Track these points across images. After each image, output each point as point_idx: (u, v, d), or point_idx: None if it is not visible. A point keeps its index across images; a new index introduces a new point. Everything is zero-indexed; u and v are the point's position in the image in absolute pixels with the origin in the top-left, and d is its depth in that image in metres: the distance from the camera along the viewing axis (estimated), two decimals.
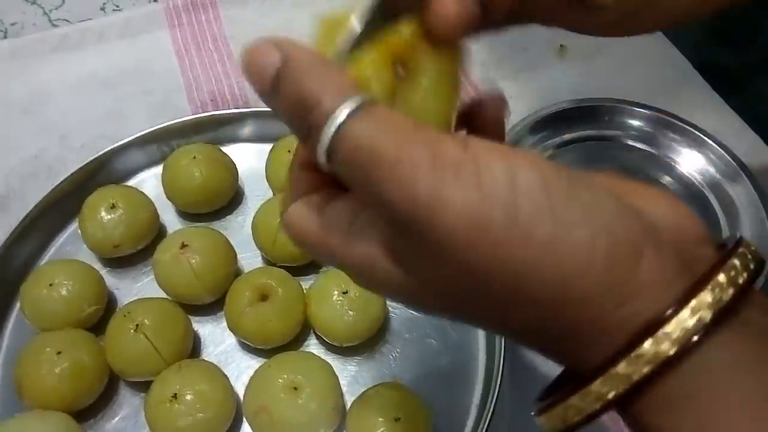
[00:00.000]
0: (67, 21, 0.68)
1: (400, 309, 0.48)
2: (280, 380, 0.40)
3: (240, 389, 0.43)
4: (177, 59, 0.64)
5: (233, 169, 0.52)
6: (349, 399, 0.43)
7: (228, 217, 0.53)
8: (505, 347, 0.42)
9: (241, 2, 0.68)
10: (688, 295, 0.18)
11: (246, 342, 0.45)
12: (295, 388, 0.40)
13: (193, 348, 0.46)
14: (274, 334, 0.44)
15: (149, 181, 0.54)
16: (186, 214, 0.52)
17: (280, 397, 0.40)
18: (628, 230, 0.18)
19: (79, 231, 0.49)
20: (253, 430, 0.42)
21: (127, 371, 0.44)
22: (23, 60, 0.64)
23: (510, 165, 0.18)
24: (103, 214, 0.48)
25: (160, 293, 0.47)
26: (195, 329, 0.47)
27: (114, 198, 0.48)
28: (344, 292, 0.44)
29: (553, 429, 0.20)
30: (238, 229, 0.52)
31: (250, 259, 0.50)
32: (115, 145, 0.53)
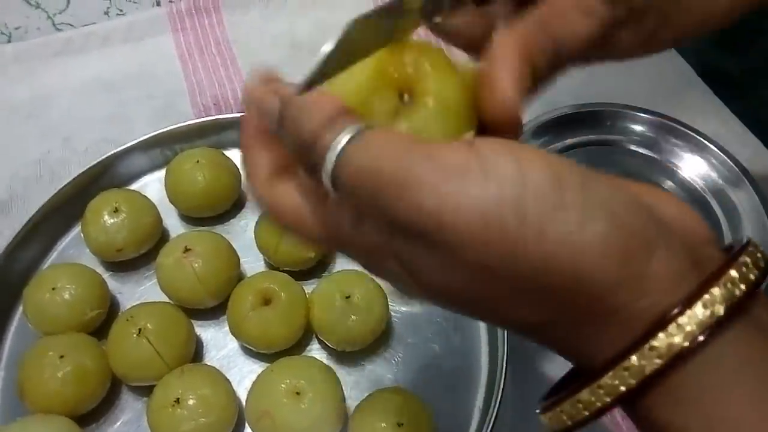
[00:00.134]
0: (71, 25, 0.68)
1: (403, 313, 0.48)
2: (282, 385, 0.40)
3: (242, 394, 0.43)
4: (180, 63, 0.64)
5: (236, 174, 0.52)
6: (351, 404, 0.43)
7: (231, 221, 0.53)
8: (507, 351, 0.42)
9: (244, 7, 0.68)
10: (702, 289, 0.18)
11: (248, 346, 0.45)
12: (297, 393, 0.40)
13: (196, 352, 0.46)
14: (277, 339, 0.44)
15: (152, 185, 0.54)
16: (189, 218, 0.53)
17: (283, 402, 0.40)
18: (641, 225, 0.19)
19: (82, 235, 0.49)
20: None
21: (129, 375, 0.44)
22: (27, 64, 0.64)
23: (519, 162, 0.18)
24: (107, 217, 0.48)
25: (163, 297, 0.47)
26: (197, 333, 0.47)
27: (117, 202, 0.48)
28: (347, 297, 0.44)
29: (558, 427, 0.20)
30: (241, 233, 0.52)
31: (253, 263, 0.50)
32: (118, 149, 0.53)
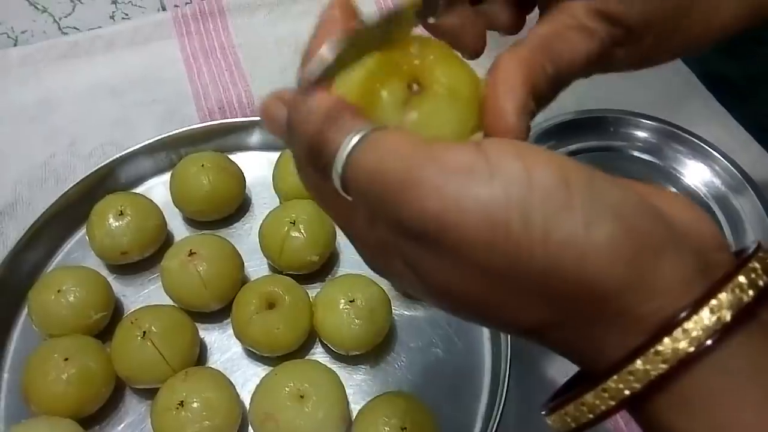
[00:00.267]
0: (77, 29, 0.68)
1: (406, 318, 0.48)
2: (286, 388, 0.40)
3: (246, 397, 0.43)
4: (185, 68, 0.64)
5: (241, 177, 0.52)
6: (355, 408, 0.43)
7: (235, 224, 0.53)
8: (511, 356, 0.42)
9: (249, 11, 0.68)
10: (709, 294, 0.18)
11: (252, 350, 0.46)
12: (301, 397, 0.40)
13: (199, 356, 0.46)
14: (281, 342, 0.44)
15: (157, 189, 0.54)
16: (193, 222, 0.53)
17: (287, 406, 0.40)
18: (650, 228, 0.18)
19: (87, 238, 0.49)
20: None
21: (133, 378, 0.44)
22: (33, 67, 0.64)
23: (525, 163, 0.18)
24: (112, 220, 0.48)
25: (167, 300, 0.47)
26: (201, 337, 0.47)
27: (122, 205, 0.48)
28: (351, 301, 0.44)
29: (562, 429, 0.20)
30: (245, 236, 0.52)
31: (257, 267, 0.50)
32: (123, 153, 0.53)
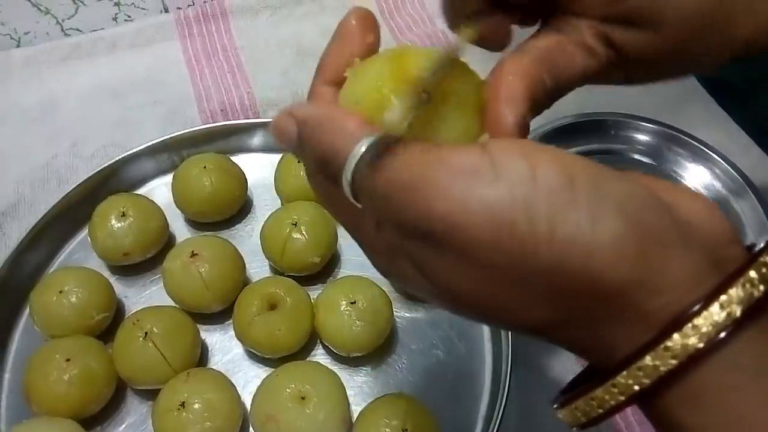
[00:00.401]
0: (80, 31, 0.68)
1: (407, 320, 0.48)
2: (287, 390, 0.40)
3: (247, 398, 0.44)
4: (187, 69, 0.64)
5: (243, 179, 0.53)
6: (356, 409, 0.43)
7: (237, 226, 0.53)
8: (512, 358, 0.42)
9: (252, 14, 0.69)
10: (719, 289, 0.18)
11: (253, 351, 0.46)
12: (302, 398, 0.40)
13: (201, 357, 0.46)
14: (282, 344, 0.44)
15: (159, 190, 0.54)
16: (195, 223, 0.53)
17: (288, 407, 0.40)
18: (657, 224, 0.18)
19: (89, 238, 0.49)
20: None
21: (135, 379, 0.44)
22: (35, 68, 0.65)
23: (530, 162, 0.18)
24: (114, 222, 0.48)
25: (168, 301, 0.47)
26: (202, 338, 0.47)
27: (125, 206, 0.49)
28: (352, 303, 0.44)
29: (574, 423, 0.20)
30: (247, 238, 0.52)
31: (258, 268, 0.50)
32: (126, 154, 0.53)
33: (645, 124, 0.56)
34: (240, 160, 0.54)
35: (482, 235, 0.18)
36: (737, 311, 0.18)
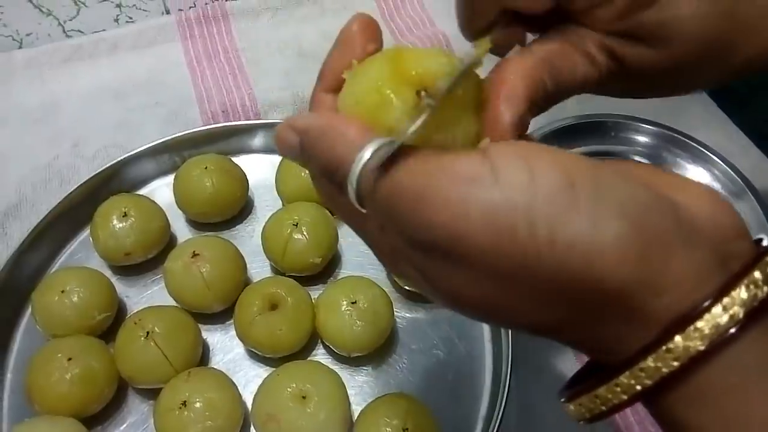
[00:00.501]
0: (81, 32, 0.69)
1: (408, 320, 0.48)
2: (288, 389, 0.41)
3: (248, 398, 0.44)
4: (189, 71, 0.65)
5: (244, 180, 0.53)
6: (356, 409, 0.43)
7: (238, 226, 0.53)
8: (512, 359, 0.42)
9: (253, 15, 0.69)
10: (723, 291, 0.18)
11: (254, 351, 0.46)
12: (303, 397, 0.40)
13: (202, 356, 0.46)
14: (284, 343, 0.44)
15: (161, 190, 0.54)
16: (196, 224, 0.53)
17: (289, 406, 0.40)
18: (659, 225, 0.18)
19: (91, 239, 0.50)
20: None
21: (136, 378, 0.44)
22: (37, 70, 0.65)
23: (530, 166, 0.18)
24: (115, 222, 0.48)
25: (170, 301, 0.47)
26: (204, 338, 0.47)
27: (126, 206, 0.49)
28: (353, 302, 0.44)
29: (579, 417, 0.20)
30: (248, 238, 0.52)
31: (259, 268, 0.51)
32: (127, 155, 0.53)
33: (645, 126, 0.57)
34: (241, 161, 0.54)
35: (484, 242, 0.18)
36: (740, 313, 0.18)
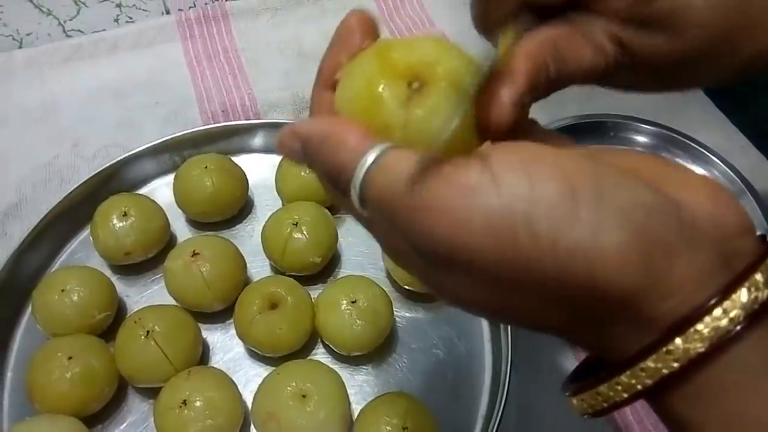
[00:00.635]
0: (81, 32, 0.69)
1: (408, 319, 0.48)
2: (288, 388, 0.41)
3: (248, 397, 0.44)
4: (188, 71, 0.65)
5: (244, 179, 0.53)
6: (356, 408, 0.43)
7: (238, 226, 0.53)
8: (511, 358, 0.42)
9: (253, 16, 0.69)
10: (724, 293, 0.18)
11: (254, 350, 0.46)
12: (303, 396, 0.40)
13: (202, 355, 0.46)
14: (284, 343, 0.44)
15: (161, 190, 0.55)
16: (196, 223, 0.53)
17: (289, 405, 0.40)
18: (662, 229, 0.18)
19: (91, 238, 0.50)
20: None
21: (136, 377, 0.44)
22: (37, 69, 0.65)
23: (530, 174, 0.18)
24: (115, 221, 0.48)
25: (170, 301, 0.47)
26: (203, 337, 0.47)
27: (126, 206, 0.49)
28: (353, 302, 0.44)
29: (582, 412, 0.21)
30: (248, 238, 0.52)
31: (259, 268, 0.51)
32: (127, 154, 0.54)
33: (644, 126, 0.57)
34: (241, 160, 0.54)
35: (486, 253, 0.18)
36: (741, 316, 0.18)
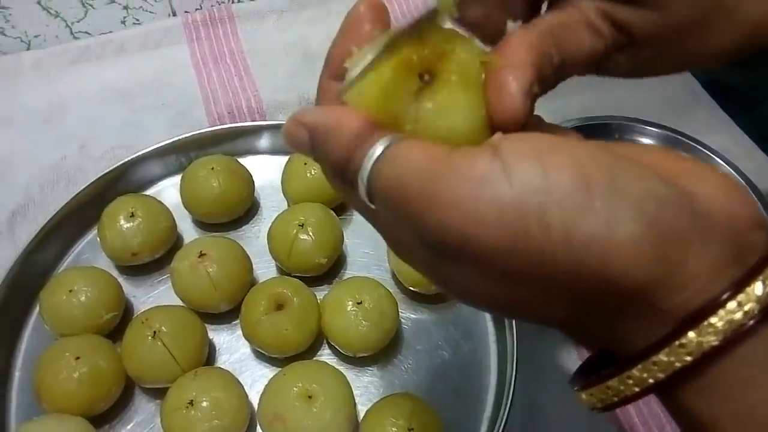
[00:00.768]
0: (88, 34, 0.69)
1: (413, 320, 0.48)
2: (294, 389, 0.41)
3: (254, 397, 0.44)
4: (195, 72, 0.65)
5: (250, 181, 0.53)
6: (361, 409, 0.43)
7: (244, 227, 0.53)
8: (517, 359, 0.43)
9: (258, 17, 0.69)
10: (738, 286, 0.18)
11: (260, 351, 0.46)
12: (309, 397, 0.41)
13: (208, 356, 0.46)
14: (290, 343, 0.45)
15: (168, 191, 0.55)
16: (203, 224, 0.53)
17: (295, 406, 0.40)
18: (675, 222, 0.18)
19: (98, 239, 0.50)
20: None
21: (143, 377, 0.44)
22: (45, 71, 0.65)
23: (543, 165, 0.18)
24: (123, 222, 0.48)
25: (176, 301, 0.48)
26: (210, 337, 0.47)
27: (133, 207, 0.49)
28: (358, 303, 0.44)
29: (591, 407, 0.21)
30: (254, 239, 0.53)
31: (265, 269, 0.51)
32: (134, 155, 0.54)
33: (649, 128, 0.57)
34: (247, 162, 0.55)
35: (497, 244, 0.18)
36: (756, 309, 0.18)
